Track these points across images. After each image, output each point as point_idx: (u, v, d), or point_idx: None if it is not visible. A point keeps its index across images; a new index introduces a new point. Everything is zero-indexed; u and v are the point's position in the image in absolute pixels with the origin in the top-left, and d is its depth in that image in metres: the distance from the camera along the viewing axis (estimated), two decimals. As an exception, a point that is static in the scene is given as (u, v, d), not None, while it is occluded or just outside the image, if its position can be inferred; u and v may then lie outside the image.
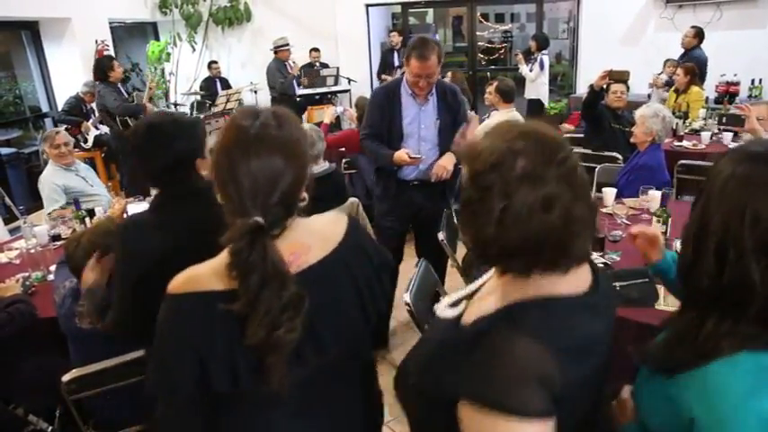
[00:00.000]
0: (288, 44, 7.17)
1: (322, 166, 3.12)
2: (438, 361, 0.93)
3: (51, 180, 3.50)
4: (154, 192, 1.62)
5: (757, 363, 0.90)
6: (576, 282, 0.94)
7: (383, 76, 7.83)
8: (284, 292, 0.96)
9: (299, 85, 7.38)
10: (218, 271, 0.99)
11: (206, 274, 1.01)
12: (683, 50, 6.17)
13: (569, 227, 0.85)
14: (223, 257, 1.00)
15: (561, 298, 0.91)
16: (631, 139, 3.45)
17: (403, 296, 2.02)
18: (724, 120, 3.54)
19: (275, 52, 7.18)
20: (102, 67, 5.35)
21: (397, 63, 7.69)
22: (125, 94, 5.65)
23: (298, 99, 7.29)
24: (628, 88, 4.42)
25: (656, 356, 1.02)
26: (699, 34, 6.04)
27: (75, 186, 3.55)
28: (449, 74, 5.90)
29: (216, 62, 8.16)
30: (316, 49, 7.92)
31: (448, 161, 2.81)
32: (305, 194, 1.06)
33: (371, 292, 1.14)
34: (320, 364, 1.08)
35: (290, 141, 1.03)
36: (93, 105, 5.68)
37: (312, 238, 1.08)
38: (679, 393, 0.96)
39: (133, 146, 1.56)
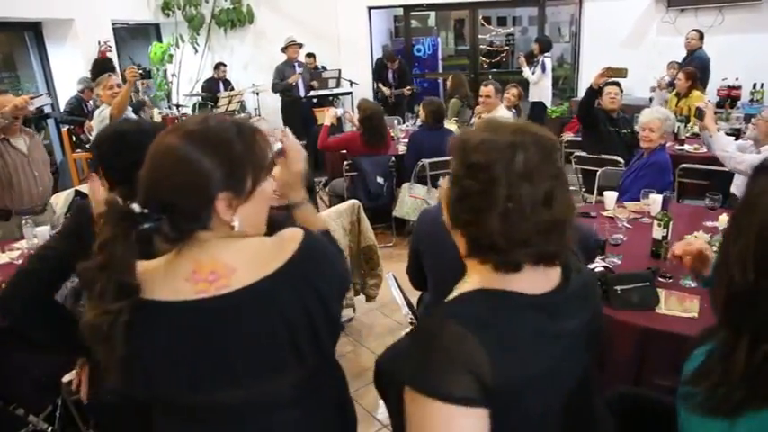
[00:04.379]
0: (293, 41, 7.00)
1: None
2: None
3: (107, 116, 3.85)
4: None
5: None
6: (536, 281, 0.94)
7: (379, 85, 7.86)
8: (121, 295, 0.91)
9: (310, 88, 7.31)
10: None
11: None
12: (686, 53, 6.16)
13: (567, 220, 0.89)
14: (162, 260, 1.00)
15: (511, 293, 0.91)
16: (643, 144, 3.36)
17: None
18: (697, 113, 3.64)
19: (284, 52, 7.08)
20: (105, 68, 5.42)
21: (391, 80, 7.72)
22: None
23: (304, 101, 7.24)
24: (621, 90, 4.40)
25: (705, 399, 0.92)
26: (703, 37, 6.07)
27: None
28: (449, 77, 5.92)
29: (224, 64, 8.12)
30: (310, 55, 7.85)
31: None
32: (233, 219, 0.98)
33: (311, 331, 1.00)
34: (250, 394, 1.01)
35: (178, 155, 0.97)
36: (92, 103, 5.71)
37: (241, 260, 0.99)
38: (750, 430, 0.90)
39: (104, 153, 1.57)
